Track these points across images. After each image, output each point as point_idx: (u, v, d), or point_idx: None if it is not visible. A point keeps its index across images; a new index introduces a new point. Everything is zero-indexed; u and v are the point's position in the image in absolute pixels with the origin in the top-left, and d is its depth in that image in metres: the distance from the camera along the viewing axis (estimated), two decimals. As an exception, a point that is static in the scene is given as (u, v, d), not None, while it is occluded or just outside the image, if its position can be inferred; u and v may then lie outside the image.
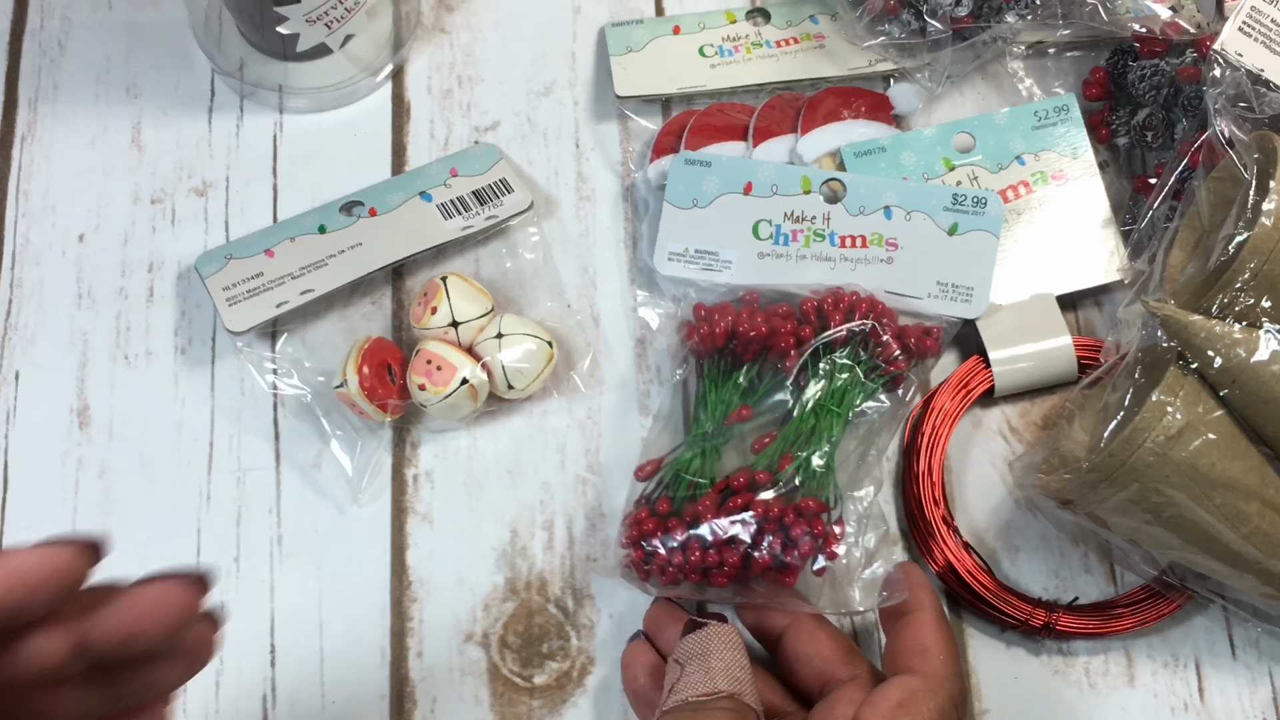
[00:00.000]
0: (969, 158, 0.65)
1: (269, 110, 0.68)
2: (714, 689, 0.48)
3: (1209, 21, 0.63)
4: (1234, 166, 0.57)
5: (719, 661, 0.49)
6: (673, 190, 0.63)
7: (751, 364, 0.59)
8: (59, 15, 0.70)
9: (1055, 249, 0.64)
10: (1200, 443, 0.51)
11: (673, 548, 0.54)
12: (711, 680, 0.48)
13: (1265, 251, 0.53)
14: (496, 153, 0.66)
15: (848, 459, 0.58)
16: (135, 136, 0.67)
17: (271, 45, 0.67)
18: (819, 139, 0.66)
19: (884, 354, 0.59)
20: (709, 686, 0.48)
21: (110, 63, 0.69)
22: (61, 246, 0.65)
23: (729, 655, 0.49)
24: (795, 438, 0.57)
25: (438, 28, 0.70)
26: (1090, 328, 0.65)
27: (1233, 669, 0.59)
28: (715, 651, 0.49)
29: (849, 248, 0.62)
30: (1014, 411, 0.63)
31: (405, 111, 0.69)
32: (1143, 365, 0.55)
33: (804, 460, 0.56)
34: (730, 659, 0.49)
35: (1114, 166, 0.67)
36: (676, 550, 0.54)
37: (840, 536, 0.55)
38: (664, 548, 0.54)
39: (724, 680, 0.48)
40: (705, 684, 0.48)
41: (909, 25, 0.66)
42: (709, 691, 0.47)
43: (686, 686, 0.48)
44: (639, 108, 0.68)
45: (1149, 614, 0.58)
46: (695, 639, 0.50)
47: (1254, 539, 0.52)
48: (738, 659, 0.50)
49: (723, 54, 0.69)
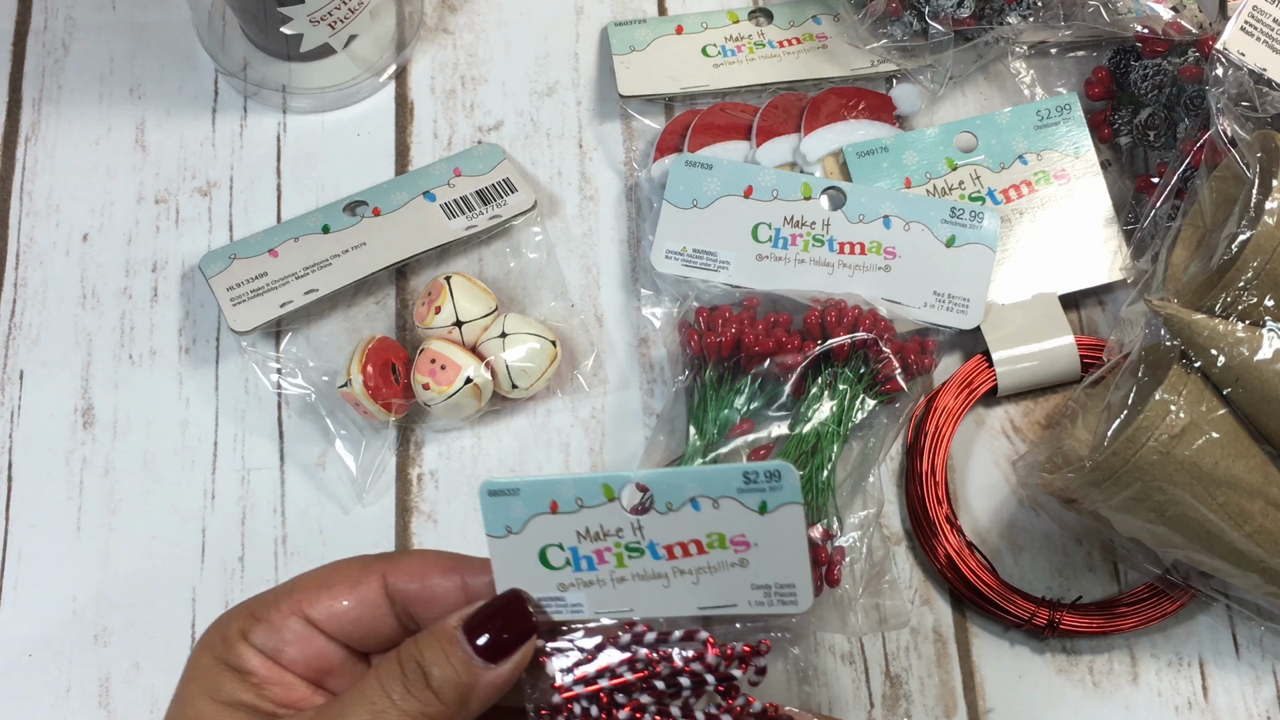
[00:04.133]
0: (971, 157, 0.65)
1: (273, 110, 0.68)
2: None
3: (1211, 21, 0.63)
4: (1236, 165, 0.57)
5: None
6: (672, 190, 0.63)
7: (753, 376, 0.60)
8: (63, 16, 0.70)
9: (1058, 248, 0.64)
10: (1203, 441, 0.51)
11: None
12: None
13: (1268, 250, 0.53)
14: (500, 153, 0.66)
15: (846, 479, 0.59)
16: (139, 137, 0.68)
17: (275, 46, 0.67)
18: (822, 139, 0.66)
19: (884, 370, 0.59)
20: None
21: (114, 63, 0.69)
22: (66, 246, 0.65)
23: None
24: (796, 456, 0.58)
25: (441, 28, 0.71)
26: (1093, 327, 0.65)
27: (1236, 668, 0.59)
28: None
29: (847, 254, 0.62)
30: (1017, 411, 0.63)
31: (409, 111, 0.69)
32: (1146, 364, 0.55)
33: (807, 479, 0.57)
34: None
35: (1116, 166, 0.67)
36: None
37: (841, 560, 0.56)
38: None
39: None
40: None
41: (911, 27, 0.66)
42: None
43: None
44: (642, 107, 0.68)
45: (1153, 613, 0.58)
46: None
47: (1257, 537, 0.52)
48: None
49: (725, 54, 0.69)
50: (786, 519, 0.41)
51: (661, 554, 0.42)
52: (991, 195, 0.65)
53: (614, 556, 0.42)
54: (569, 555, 0.42)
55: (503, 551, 0.43)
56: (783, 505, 0.41)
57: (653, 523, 0.42)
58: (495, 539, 0.43)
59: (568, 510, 0.42)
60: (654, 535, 0.42)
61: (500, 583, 0.43)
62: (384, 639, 0.45)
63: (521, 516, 0.42)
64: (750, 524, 0.41)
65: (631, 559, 0.42)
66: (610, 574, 0.43)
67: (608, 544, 0.42)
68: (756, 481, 0.41)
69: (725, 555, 0.42)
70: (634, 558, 0.42)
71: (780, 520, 0.41)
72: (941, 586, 0.60)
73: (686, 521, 0.42)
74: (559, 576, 0.43)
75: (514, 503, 0.42)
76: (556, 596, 0.43)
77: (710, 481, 0.41)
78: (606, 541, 0.42)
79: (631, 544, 0.42)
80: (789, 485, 0.41)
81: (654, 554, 0.42)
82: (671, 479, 0.41)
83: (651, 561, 0.42)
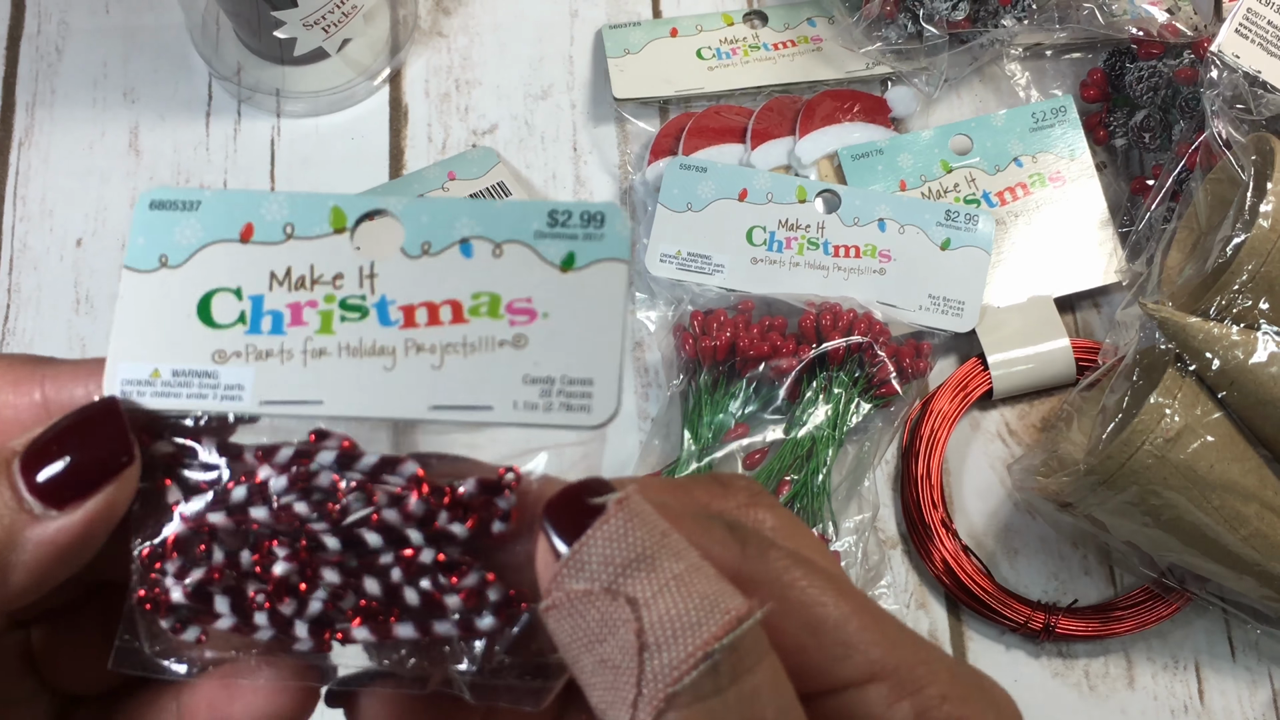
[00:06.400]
0: (966, 160, 0.65)
1: (266, 114, 0.68)
2: (729, 615, 0.23)
3: (1206, 23, 0.63)
4: (1231, 168, 0.57)
5: (682, 562, 0.24)
6: (667, 193, 0.63)
7: (748, 380, 0.60)
8: (56, 20, 0.70)
9: (1053, 251, 0.64)
10: (1199, 445, 0.51)
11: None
12: (699, 599, 0.24)
13: (1263, 253, 0.53)
14: (494, 156, 0.66)
15: (841, 483, 0.58)
16: (133, 141, 0.67)
17: (269, 49, 0.67)
18: (817, 141, 0.66)
19: (879, 374, 0.59)
20: (717, 615, 0.23)
21: (108, 67, 0.69)
22: (59, 251, 0.65)
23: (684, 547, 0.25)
24: (792, 460, 0.57)
25: (435, 31, 0.70)
26: (1088, 330, 0.64)
27: (1232, 671, 0.59)
28: (664, 546, 0.24)
29: (842, 257, 0.62)
30: (1012, 414, 0.63)
31: (403, 115, 0.69)
32: (1141, 367, 0.55)
33: (802, 484, 0.57)
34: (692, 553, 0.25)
35: (1112, 168, 0.67)
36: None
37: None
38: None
39: (721, 590, 0.24)
40: (701, 612, 0.23)
41: (906, 29, 0.66)
42: (723, 628, 0.23)
43: (665, 639, 0.23)
44: (637, 110, 0.68)
45: (1148, 616, 0.58)
46: (608, 533, 0.24)
47: (1253, 541, 0.52)
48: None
49: (720, 56, 0.69)
50: (600, 280, 0.28)
51: (395, 318, 0.28)
52: (986, 198, 0.65)
53: (319, 316, 0.28)
54: (246, 307, 0.28)
55: (139, 294, 0.28)
56: (598, 261, 0.28)
57: (395, 269, 0.28)
58: (136, 273, 0.29)
59: (267, 238, 0.29)
60: (390, 289, 0.28)
61: (116, 347, 0.28)
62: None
63: (191, 243, 0.29)
64: (543, 283, 0.28)
65: (345, 322, 0.28)
66: (304, 341, 0.28)
67: (314, 296, 0.28)
68: (566, 224, 0.28)
69: (494, 328, 0.28)
70: (349, 320, 0.28)
71: (590, 281, 0.28)
72: (937, 590, 0.60)
73: (448, 271, 0.28)
74: (219, 339, 0.28)
75: (187, 221, 0.29)
76: (205, 373, 0.28)
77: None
78: (314, 292, 0.28)
79: (352, 299, 0.28)
80: (614, 234, 0.28)
81: (383, 317, 0.28)
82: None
83: (376, 328, 0.28)
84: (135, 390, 0.28)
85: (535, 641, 0.27)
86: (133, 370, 0.28)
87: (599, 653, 0.24)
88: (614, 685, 0.23)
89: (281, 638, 0.27)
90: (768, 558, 0.26)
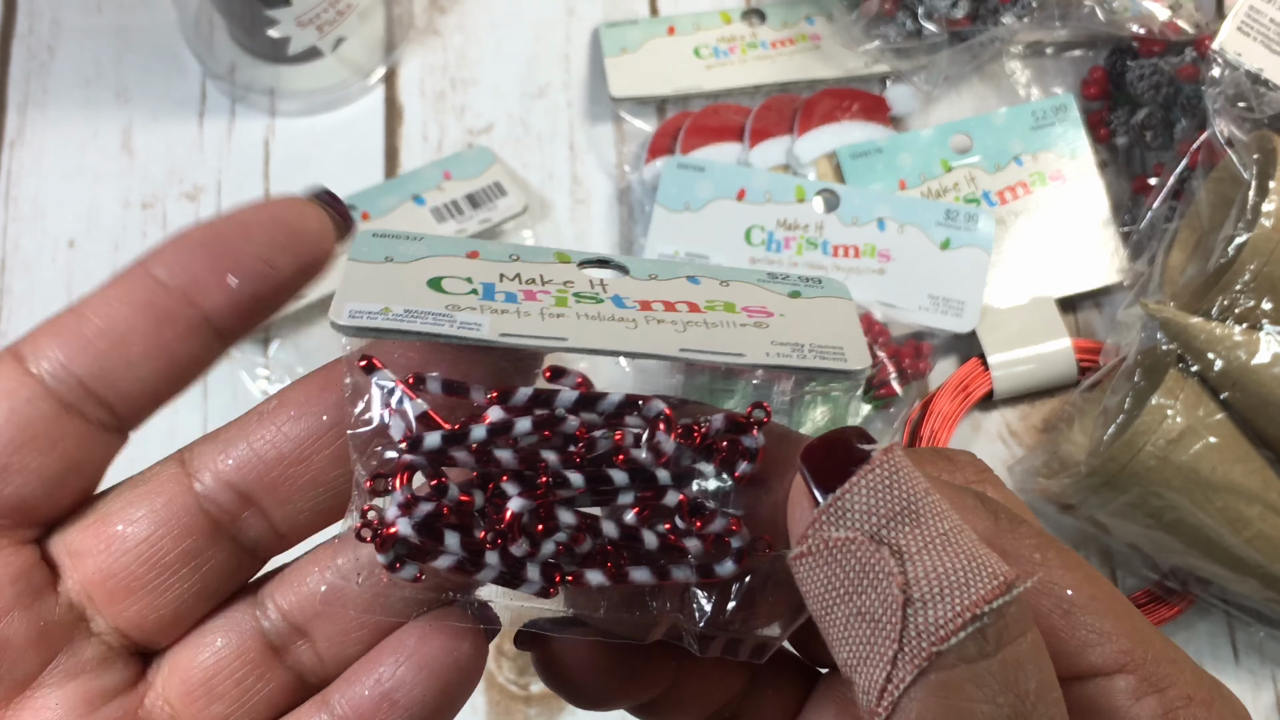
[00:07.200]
0: (967, 159, 0.65)
1: (261, 114, 0.68)
2: (998, 579, 0.22)
3: (1207, 21, 0.63)
4: (1234, 167, 0.57)
5: (946, 522, 0.23)
6: (664, 193, 0.62)
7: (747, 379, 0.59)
8: (48, 19, 0.69)
9: (1054, 251, 0.64)
10: (1201, 446, 0.51)
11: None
12: (967, 559, 0.23)
13: (1265, 253, 0.52)
14: (490, 156, 0.66)
15: None
16: (126, 141, 0.67)
17: (263, 48, 0.66)
18: (816, 140, 0.65)
19: (879, 375, 0.59)
20: (986, 577, 0.22)
21: (100, 67, 0.68)
22: (52, 253, 0.65)
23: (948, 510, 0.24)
24: None
25: (430, 30, 0.70)
26: (1090, 330, 0.64)
27: (1235, 673, 0.59)
28: (927, 503, 0.23)
29: (841, 257, 0.62)
30: (1014, 415, 0.63)
31: (398, 114, 0.68)
32: (1143, 368, 0.55)
33: None
34: (953, 515, 0.24)
35: (1113, 166, 0.67)
36: None
37: None
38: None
39: (986, 554, 0.23)
40: (970, 572, 0.22)
41: (905, 27, 0.65)
42: (993, 591, 0.22)
43: (932, 596, 0.22)
44: (634, 109, 0.68)
45: (1151, 619, 0.58)
46: (873, 482, 0.23)
47: (1256, 543, 0.52)
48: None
49: (718, 55, 0.69)
50: (829, 305, 0.29)
51: (630, 305, 0.28)
52: (987, 197, 0.64)
53: (554, 299, 0.28)
54: (478, 287, 0.27)
55: (362, 274, 0.28)
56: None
57: (624, 285, 0.28)
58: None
59: (495, 258, 0.29)
60: (623, 291, 0.28)
61: (343, 290, 0.27)
62: None
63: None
64: (774, 301, 0.29)
65: (581, 303, 0.28)
66: (541, 310, 0.27)
67: (547, 288, 0.28)
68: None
69: (733, 318, 0.28)
70: (584, 302, 0.28)
71: (819, 305, 0.29)
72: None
73: (676, 289, 0.29)
74: (452, 300, 0.27)
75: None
76: (439, 312, 0.26)
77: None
78: (545, 288, 0.28)
79: (585, 292, 0.28)
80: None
81: (618, 303, 0.28)
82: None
83: (613, 308, 0.28)
84: (365, 317, 0.26)
85: (767, 593, 0.27)
86: (361, 305, 0.26)
87: (855, 604, 0.23)
88: (870, 640, 0.22)
89: (511, 578, 0.26)
90: (1019, 533, 0.25)
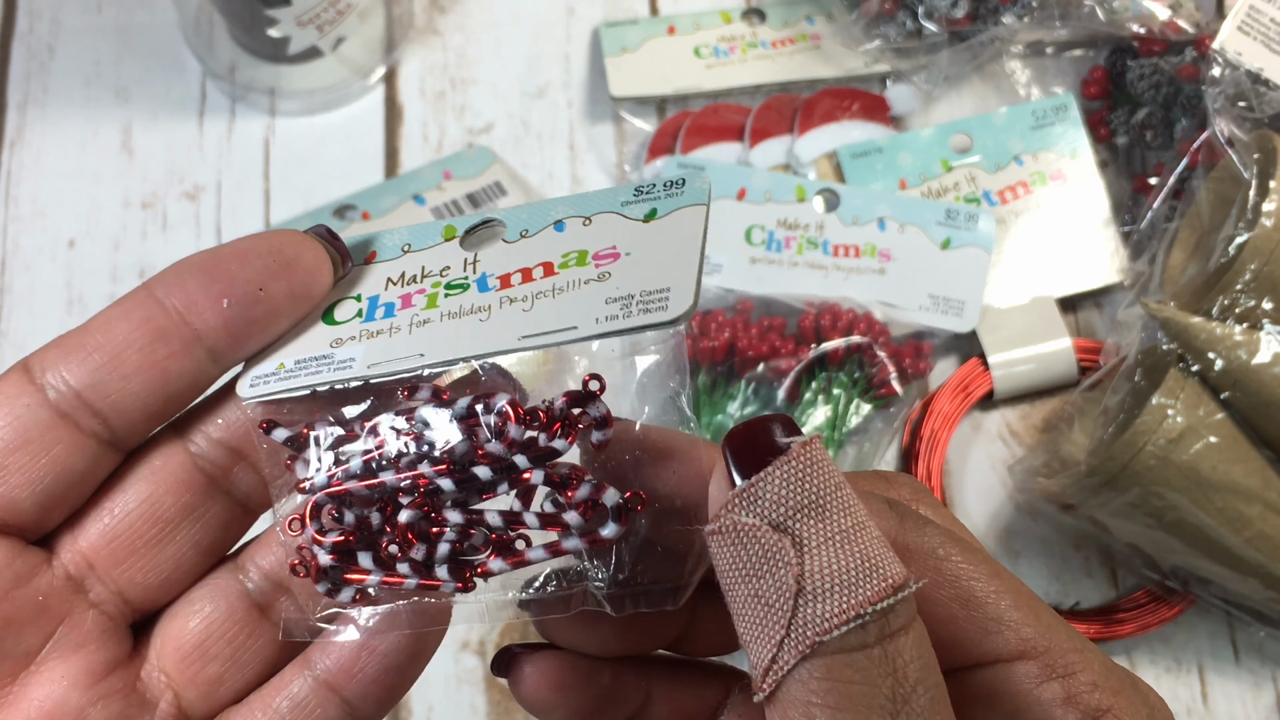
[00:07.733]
0: (967, 158, 0.65)
1: (260, 113, 0.67)
2: (887, 581, 0.24)
3: (1208, 20, 0.63)
4: (1234, 166, 0.57)
5: (851, 518, 0.24)
6: (668, 192, 0.63)
7: (747, 380, 0.59)
8: (48, 19, 0.69)
9: (1055, 250, 0.64)
10: (1201, 446, 0.51)
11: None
12: (861, 559, 0.24)
13: (1266, 252, 0.52)
14: (490, 155, 0.66)
15: None
16: (126, 140, 0.67)
17: (263, 48, 0.66)
18: (816, 140, 0.65)
19: (879, 374, 0.59)
20: (876, 579, 0.24)
21: (100, 66, 0.68)
22: (52, 252, 0.65)
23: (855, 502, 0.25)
24: None
25: (430, 30, 0.70)
26: (1090, 330, 0.64)
27: (1236, 673, 0.59)
28: (836, 498, 0.24)
29: (842, 257, 0.62)
30: (1014, 414, 0.63)
31: (398, 114, 0.68)
32: (1143, 368, 0.54)
33: None
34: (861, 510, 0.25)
35: (1114, 166, 0.67)
36: None
37: None
38: None
39: (882, 554, 0.24)
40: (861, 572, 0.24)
41: (905, 27, 0.65)
42: (879, 593, 0.24)
43: (823, 590, 0.23)
44: (634, 109, 0.68)
45: (1151, 618, 0.58)
46: (787, 473, 0.24)
47: (1256, 543, 0.52)
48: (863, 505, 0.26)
49: (718, 54, 0.69)
50: (680, 222, 0.29)
51: (492, 285, 0.30)
52: (987, 197, 0.64)
53: (426, 298, 0.30)
54: (363, 306, 0.31)
55: None
56: (678, 209, 0.29)
57: (495, 254, 0.30)
58: None
59: (388, 257, 0.32)
60: (489, 267, 0.30)
61: (247, 366, 0.31)
62: None
63: None
64: (627, 233, 0.29)
65: (449, 297, 0.30)
66: (410, 319, 0.30)
67: (423, 285, 0.31)
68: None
69: (581, 273, 0.29)
70: (452, 295, 0.30)
71: (671, 225, 0.29)
72: (938, 593, 0.59)
73: (542, 244, 0.30)
74: (338, 332, 0.30)
75: None
76: (322, 356, 0.30)
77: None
78: (423, 284, 0.31)
79: (456, 280, 0.30)
80: (694, 189, 0.29)
81: (481, 286, 0.30)
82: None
83: (475, 295, 0.30)
84: (262, 383, 0.30)
85: (664, 541, 0.28)
86: (261, 369, 0.30)
87: (754, 587, 0.24)
88: (763, 621, 0.24)
89: (426, 582, 0.29)
90: (924, 531, 0.27)
